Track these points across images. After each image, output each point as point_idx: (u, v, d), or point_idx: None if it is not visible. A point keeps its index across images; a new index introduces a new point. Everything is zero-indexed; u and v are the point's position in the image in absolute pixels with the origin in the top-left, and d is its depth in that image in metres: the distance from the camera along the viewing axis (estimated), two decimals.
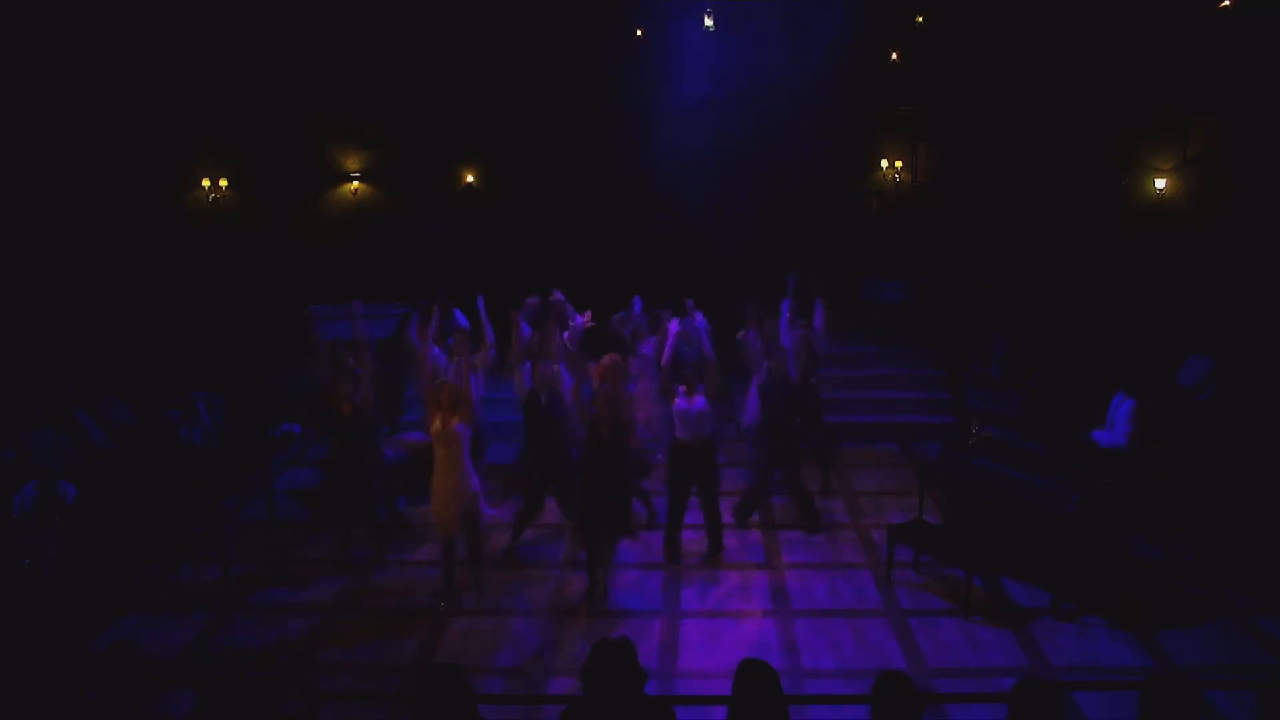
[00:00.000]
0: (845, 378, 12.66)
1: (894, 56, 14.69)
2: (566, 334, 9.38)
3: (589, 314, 9.61)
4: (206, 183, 15.15)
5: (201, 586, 8.27)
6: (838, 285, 14.20)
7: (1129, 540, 8.40)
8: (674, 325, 9.94)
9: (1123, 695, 5.51)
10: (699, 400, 8.53)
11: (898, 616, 7.72)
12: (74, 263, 13.10)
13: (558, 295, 10.43)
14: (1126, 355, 10.67)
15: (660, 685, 6.65)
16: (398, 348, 10.49)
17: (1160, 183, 13.92)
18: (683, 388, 8.64)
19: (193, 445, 10.13)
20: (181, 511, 8.50)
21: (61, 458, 8.57)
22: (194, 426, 10.35)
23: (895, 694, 3.82)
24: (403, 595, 8.15)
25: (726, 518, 9.08)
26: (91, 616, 7.40)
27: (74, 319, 12.32)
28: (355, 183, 15.52)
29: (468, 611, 7.81)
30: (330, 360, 8.89)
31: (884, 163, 15.60)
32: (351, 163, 15.47)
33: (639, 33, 13.98)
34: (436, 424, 7.72)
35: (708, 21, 13.49)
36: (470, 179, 15.55)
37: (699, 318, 9.98)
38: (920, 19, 14.41)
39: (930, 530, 8.58)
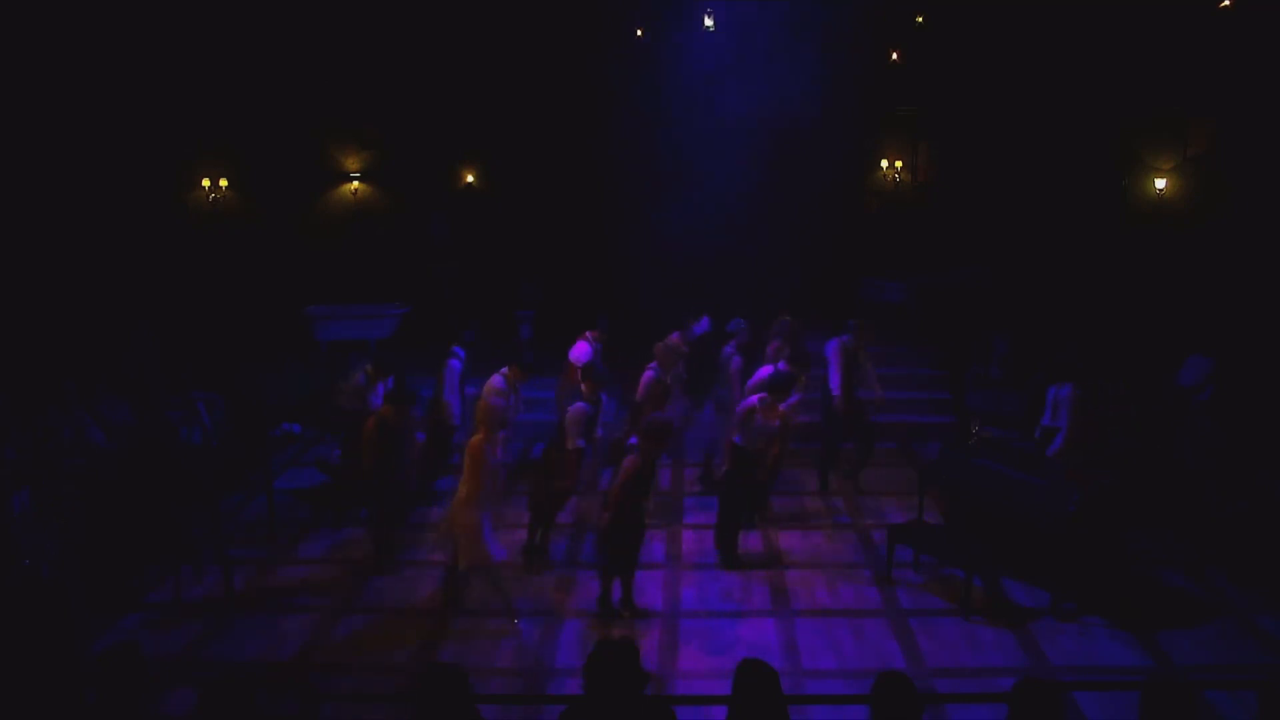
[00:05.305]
0: None
1: (894, 56, 14.69)
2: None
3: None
4: (206, 183, 15.17)
5: (202, 586, 8.26)
6: (838, 285, 14.25)
7: (1129, 540, 8.40)
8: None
9: (1123, 695, 5.51)
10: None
11: (898, 616, 7.72)
12: (74, 263, 13.11)
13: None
14: (1089, 349, 10.70)
15: (660, 685, 6.65)
16: (394, 346, 10.43)
17: (1160, 182, 13.91)
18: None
19: (193, 445, 10.14)
20: (181, 511, 8.50)
21: (62, 458, 8.58)
22: (194, 426, 10.37)
23: (895, 694, 3.82)
24: (403, 595, 8.15)
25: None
26: (91, 616, 7.40)
27: (74, 319, 12.32)
28: (355, 183, 15.53)
29: (468, 611, 7.81)
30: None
31: (884, 163, 15.61)
32: (351, 163, 15.48)
33: (639, 33, 13.98)
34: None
35: (707, 22, 13.49)
36: (470, 178, 15.56)
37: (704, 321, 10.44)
38: (920, 19, 14.41)
39: (930, 530, 8.58)
